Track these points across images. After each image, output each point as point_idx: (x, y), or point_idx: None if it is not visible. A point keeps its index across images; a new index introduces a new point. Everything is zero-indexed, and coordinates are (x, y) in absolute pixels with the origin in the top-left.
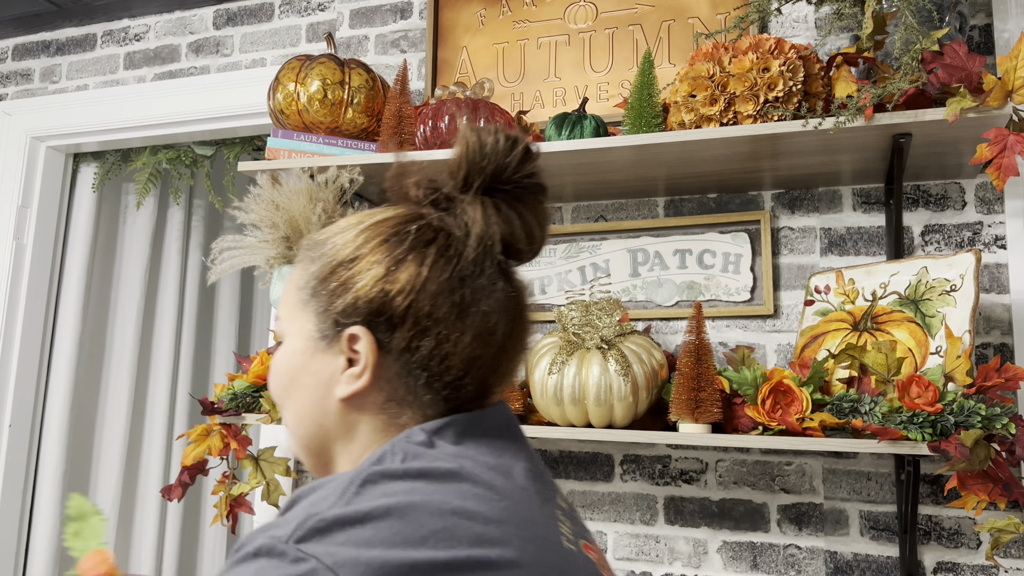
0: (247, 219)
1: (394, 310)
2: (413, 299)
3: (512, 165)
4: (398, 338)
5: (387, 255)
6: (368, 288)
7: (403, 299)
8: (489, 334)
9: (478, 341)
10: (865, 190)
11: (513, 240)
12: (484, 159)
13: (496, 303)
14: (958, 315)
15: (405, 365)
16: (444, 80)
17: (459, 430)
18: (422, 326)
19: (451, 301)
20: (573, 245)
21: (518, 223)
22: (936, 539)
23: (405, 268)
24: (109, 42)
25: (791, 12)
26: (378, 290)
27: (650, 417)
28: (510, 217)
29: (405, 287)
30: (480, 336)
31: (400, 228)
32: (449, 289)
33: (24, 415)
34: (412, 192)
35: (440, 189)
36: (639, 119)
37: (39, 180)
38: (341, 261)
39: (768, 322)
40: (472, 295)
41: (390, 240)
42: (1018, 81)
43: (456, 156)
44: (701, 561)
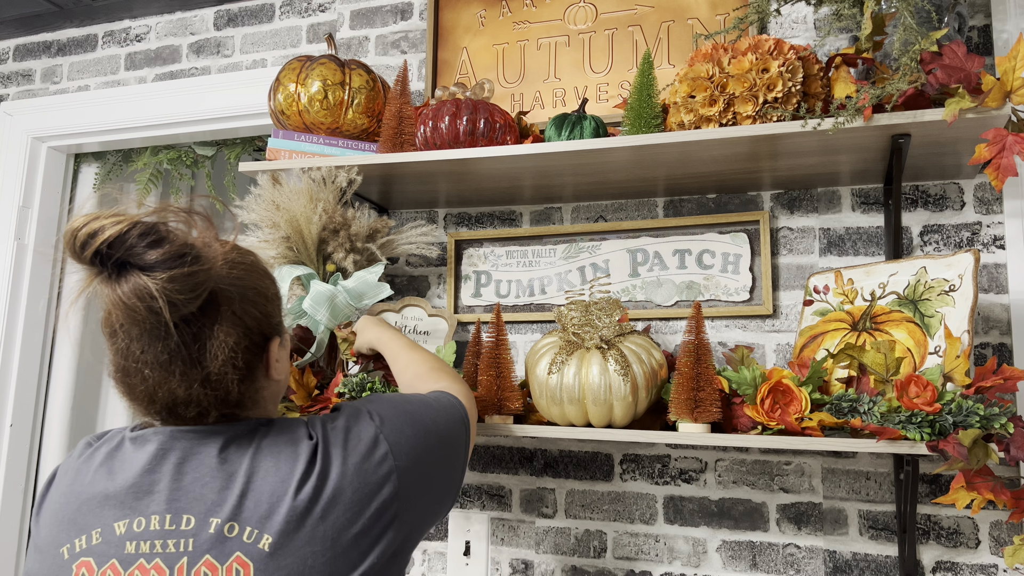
0: (248, 219)
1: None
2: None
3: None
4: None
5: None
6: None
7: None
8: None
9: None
10: (864, 190)
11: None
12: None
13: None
14: (957, 315)
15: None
16: (444, 81)
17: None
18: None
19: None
20: (573, 245)
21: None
22: (935, 538)
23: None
24: (110, 43)
25: (790, 13)
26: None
27: (650, 417)
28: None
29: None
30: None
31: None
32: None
33: (25, 415)
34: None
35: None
36: (638, 120)
37: (40, 180)
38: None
39: (767, 322)
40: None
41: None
42: (1017, 82)
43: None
44: (700, 560)
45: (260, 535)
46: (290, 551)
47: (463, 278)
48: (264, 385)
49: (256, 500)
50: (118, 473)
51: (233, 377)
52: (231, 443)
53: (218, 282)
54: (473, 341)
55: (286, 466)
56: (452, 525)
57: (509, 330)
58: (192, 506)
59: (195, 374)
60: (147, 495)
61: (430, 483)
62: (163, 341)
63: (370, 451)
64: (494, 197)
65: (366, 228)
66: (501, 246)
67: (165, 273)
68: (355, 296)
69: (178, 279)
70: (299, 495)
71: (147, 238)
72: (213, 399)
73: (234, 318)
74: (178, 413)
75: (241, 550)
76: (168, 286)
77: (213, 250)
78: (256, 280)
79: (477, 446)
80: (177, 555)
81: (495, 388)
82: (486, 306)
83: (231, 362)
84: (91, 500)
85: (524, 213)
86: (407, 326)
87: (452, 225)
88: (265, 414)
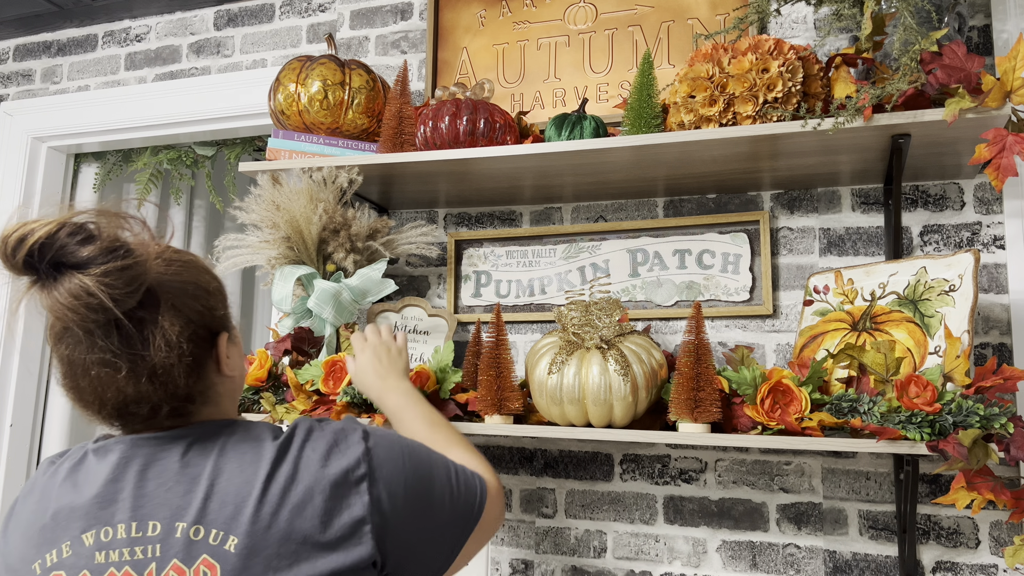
0: (248, 219)
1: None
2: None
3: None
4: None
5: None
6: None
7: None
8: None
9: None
10: (864, 190)
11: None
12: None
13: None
14: (957, 315)
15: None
16: (444, 81)
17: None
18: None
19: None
20: (573, 245)
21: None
22: (935, 538)
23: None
24: (110, 43)
25: (790, 13)
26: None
27: (650, 417)
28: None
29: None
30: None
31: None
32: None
33: (25, 415)
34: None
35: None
36: (638, 120)
37: (40, 180)
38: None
39: (767, 322)
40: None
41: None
42: (1017, 82)
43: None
44: (700, 560)
45: (226, 537)
46: (256, 552)
47: (463, 278)
48: (217, 381)
49: (221, 502)
50: (83, 486)
51: (180, 369)
52: (193, 446)
53: (155, 276)
54: (473, 341)
55: (251, 467)
56: None
57: (509, 330)
58: (157, 512)
59: (141, 368)
60: (112, 504)
61: (415, 531)
62: (106, 339)
63: (350, 467)
64: (494, 197)
65: (366, 228)
66: (501, 246)
67: (99, 268)
68: (359, 293)
69: (113, 273)
70: (265, 496)
71: (77, 236)
72: (163, 394)
73: (175, 311)
74: (130, 412)
75: (208, 552)
76: (104, 280)
77: (146, 245)
78: (195, 275)
79: (477, 446)
80: (145, 561)
81: (495, 388)
82: (486, 306)
83: (176, 352)
84: (58, 514)
85: (524, 213)
86: (407, 326)
87: (452, 225)
88: (223, 414)
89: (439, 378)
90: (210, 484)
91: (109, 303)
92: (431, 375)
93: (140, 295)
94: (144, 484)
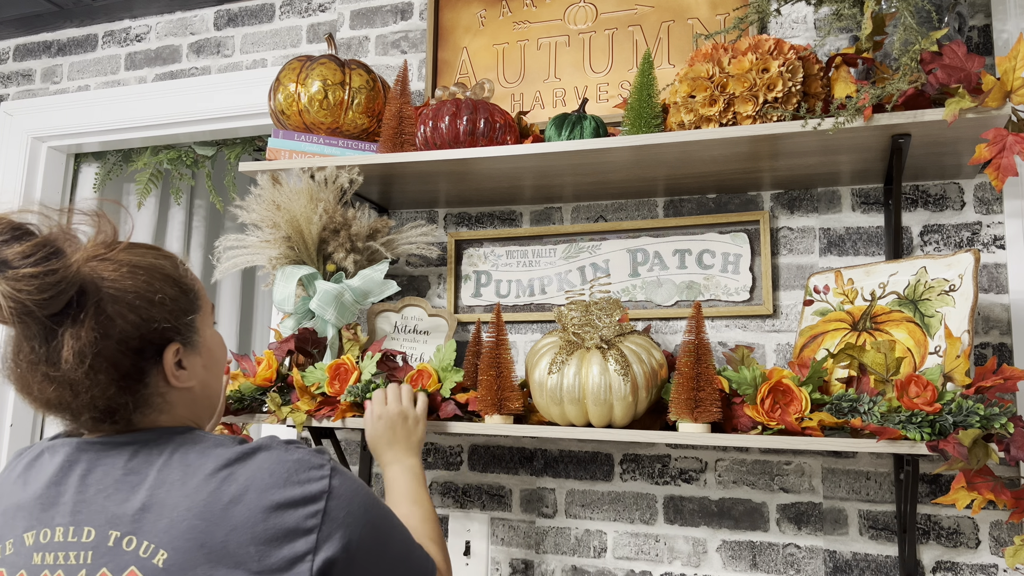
0: (248, 219)
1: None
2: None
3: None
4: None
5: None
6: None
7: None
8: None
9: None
10: (864, 190)
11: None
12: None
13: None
14: (957, 315)
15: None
16: (444, 81)
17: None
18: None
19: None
20: (573, 245)
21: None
22: (935, 538)
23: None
24: (110, 43)
25: (790, 13)
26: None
27: (650, 417)
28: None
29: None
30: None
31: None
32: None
33: (25, 415)
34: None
35: None
36: (639, 120)
37: (40, 180)
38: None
39: (767, 322)
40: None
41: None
42: (1017, 81)
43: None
44: (700, 560)
45: (156, 550)
46: (184, 569)
47: (463, 278)
48: (166, 391)
49: (158, 514)
50: (31, 483)
51: (94, 381)
52: (139, 453)
53: (90, 281)
54: (473, 341)
55: (195, 480)
56: (452, 525)
57: (509, 330)
58: (93, 518)
59: (54, 374)
60: (53, 506)
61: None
62: (28, 339)
63: (302, 498)
64: (494, 197)
65: (366, 228)
66: (501, 246)
67: (20, 271)
68: (361, 294)
69: (29, 277)
70: (205, 512)
71: (5, 236)
72: (79, 402)
73: (103, 319)
74: (57, 413)
75: (136, 564)
76: (18, 284)
77: (81, 248)
78: (144, 283)
79: (477, 446)
80: (77, 567)
81: (495, 388)
82: (486, 306)
83: (87, 364)
84: (7, 510)
85: (524, 213)
86: (407, 326)
87: (452, 225)
88: (179, 421)
89: (440, 377)
90: (149, 494)
91: (31, 307)
92: (433, 374)
93: (64, 300)
94: (85, 489)
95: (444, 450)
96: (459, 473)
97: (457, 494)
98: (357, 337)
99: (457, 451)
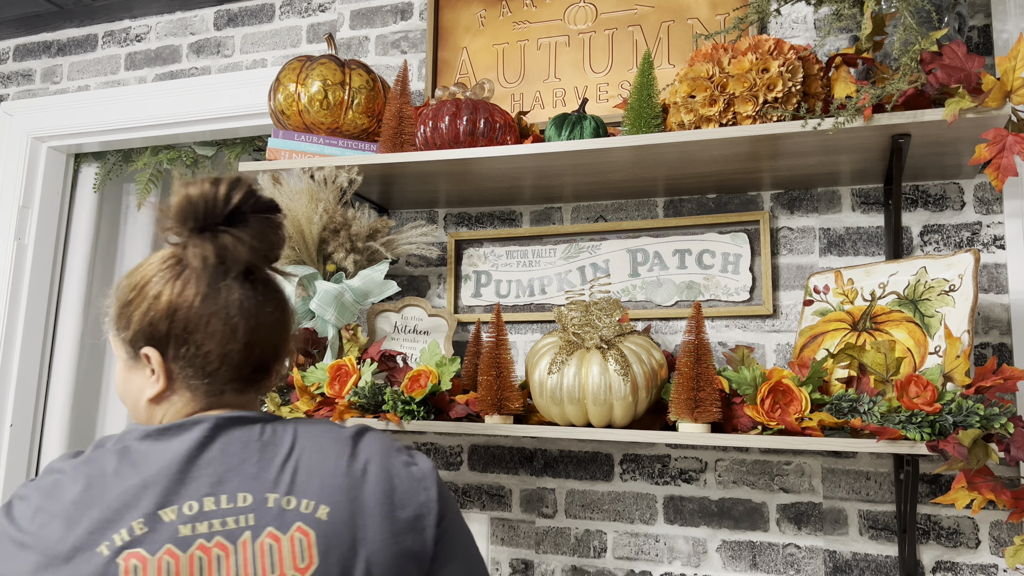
0: None
1: (162, 330)
2: (172, 318)
3: (219, 203)
4: (171, 348)
5: (147, 294)
6: (140, 318)
7: (165, 321)
8: (232, 332)
9: (225, 338)
10: (864, 190)
11: (243, 255)
12: (192, 207)
13: (236, 309)
14: (957, 315)
15: (181, 366)
16: (444, 81)
17: (140, 432)
18: (182, 338)
19: (197, 315)
20: (573, 245)
21: (239, 243)
22: (935, 538)
23: (162, 297)
24: (110, 43)
25: (790, 13)
26: (147, 319)
27: (650, 417)
28: (229, 241)
29: (165, 311)
30: (225, 335)
31: (162, 266)
32: (193, 306)
33: (25, 415)
34: (172, 237)
35: (177, 234)
36: (639, 120)
37: (40, 180)
38: (125, 303)
39: (767, 322)
40: (212, 307)
41: (153, 278)
42: (1017, 82)
43: (174, 209)
44: (700, 560)
45: (317, 506)
46: (345, 520)
47: (463, 278)
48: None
49: (307, 475)
50: (144, 467)
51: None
52: (267, 427)
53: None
54: (473, 341)
55: (328, 447)
56: None
57: (509, 330)
58: (246, 484)
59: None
60: (191, 481)
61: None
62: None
63: (409, 464)
64: (494, 197)
65: (366, 228)
66: (501, 246)
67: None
68: (361, 295)
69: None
70: (349, 471)
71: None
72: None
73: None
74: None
75: (301, 520)
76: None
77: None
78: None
79: (477, 446)
80: (238, 531)
81: (495, 388)
82: (486, 306)
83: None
84: (115, 499)
85: (524, 213)
86: (407, 326)
87: (452, 225)
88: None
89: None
90: (295, 460)
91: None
92: (431, 372)
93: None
94: (228, 460)
95: (444, 450)
96: (459, 473)
97: (457, 494)
98: (357, 337)
99: (457, 451)
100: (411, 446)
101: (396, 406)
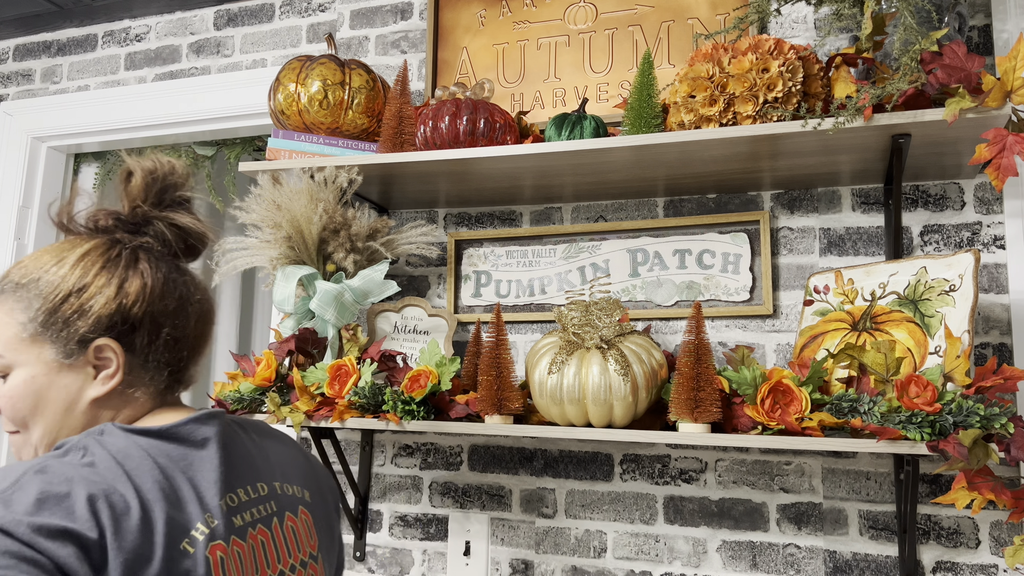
0: (248, 219)
1: (133, 317)
2: (147, 304)
3: (174, 184)
4: (139, 337)
5: (111, 277)
6: (105, 307)
7: (139, 307)
8: (187, 319)
9: (199, 324)
10: (864, 190)
11: (188, 240)
12: (156, 183)
13: (191, 292)
14: (957, 315)
15: (145, 356)
16: (444, 81)
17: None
18: (157, 322)
19: (172, 297)
20: (573, 245)
21: (189, 228)
22: (935, 538)
23: (131, 283)
24: (110, 42)
25: (790, 13)
26: (115, 306)
27: (650, 417)
28: (182, 224)
29: (138, 297)
30: (199, 320)
31: (108, 254)
32: (167, 289)
33: None
34: (103, 223)
35: (122, 217)
36: (639, 120)
37: (40, 180)
38: (69, 292)
39: (767, 322)
40: (182, 289)
41: (106, 266)
42: (1017, 81)
43: (135, 186)
44: (701, 560)
45: (303, 490)
46: (319, 502)
47: (463, 278)
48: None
49: (288, 466)
50: (202, 459)
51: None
52: (244, 426)
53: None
54: (473, 341)
55: (284, 443)
56: (452, 525)
57: (509, 330)
58: (260, 475)
59: None
60: (229, 473)
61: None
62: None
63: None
64: (494, 197)
65: (366, 228)
66: (501, 246)
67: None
68: (361, 295)
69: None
70: (309, 462)
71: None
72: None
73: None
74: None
75: (301, 504)
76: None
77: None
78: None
79: (477, 446)
80: (269, 517)
81: (495, 388)
82: (486, 306)
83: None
84: (189, 492)
85: (524, 213)
86: (407, 326)
87: (452, 225)
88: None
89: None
90: (275, 454)
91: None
92: (431, 372)
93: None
94: (242, 456)
95: (444, 450)
96: (459, 473)
97: (457, 494)
98: (357, 337)
99: (457, 451)
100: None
101: (396, 406)
